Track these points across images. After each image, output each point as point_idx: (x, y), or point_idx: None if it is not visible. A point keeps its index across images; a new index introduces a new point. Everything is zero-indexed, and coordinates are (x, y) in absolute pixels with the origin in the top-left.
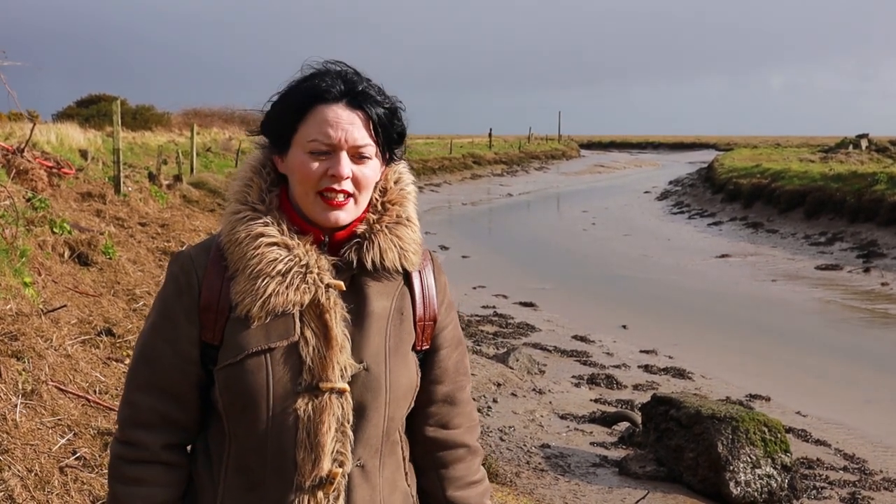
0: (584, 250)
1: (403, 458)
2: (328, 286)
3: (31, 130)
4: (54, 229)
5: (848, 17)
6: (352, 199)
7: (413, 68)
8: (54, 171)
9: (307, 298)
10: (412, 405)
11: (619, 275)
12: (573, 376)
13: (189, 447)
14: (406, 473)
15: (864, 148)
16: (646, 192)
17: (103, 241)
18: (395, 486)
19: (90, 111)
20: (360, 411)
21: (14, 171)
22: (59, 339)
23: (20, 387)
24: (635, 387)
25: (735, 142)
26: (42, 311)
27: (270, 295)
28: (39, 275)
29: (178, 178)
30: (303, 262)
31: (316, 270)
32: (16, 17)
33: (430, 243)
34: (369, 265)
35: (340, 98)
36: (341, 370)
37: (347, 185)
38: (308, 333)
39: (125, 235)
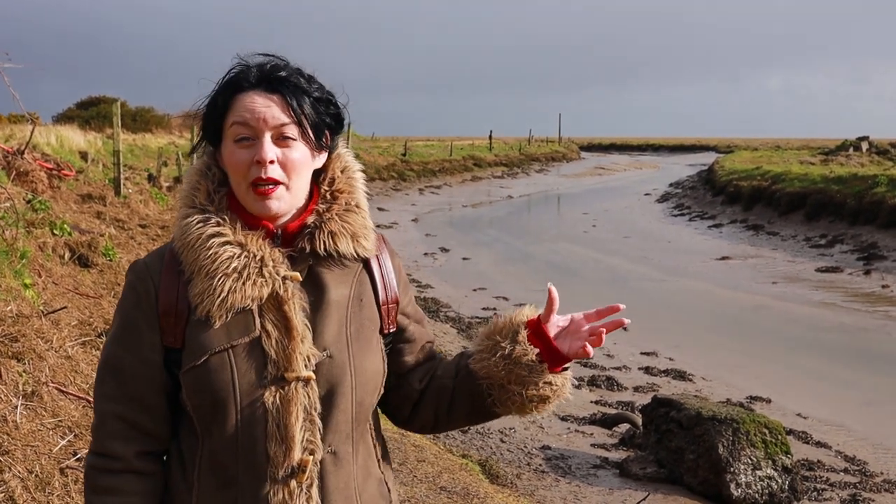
0: (585, 252)
1: (374, 445)
2: (285, 278)
3: (32, 132)
4: (55, 231)
5: (840, 21)
6: (282, 187)
7: (413, 70)
8: (54, 172)
9: (265, 292)
10: (382, 391)
11: (619, 276)
12: (573, 378)
13: (163, 455)
14: (378, 460)
15: (864, 150)
16: (646, 194)
17: (103, 243)
18: (368, 473)
19: (90, 113)
20: (327, 398)
21: (14, 172)
22: (60, 341)
23: (20, 388)
24: (636, 388)
25: (735, 144)
26: (42, 312)
27: (228, 292)
28: (40, 276)
29: (178, 179)
30: (257, 257)
31: (271, 264)
32: (15, 20)
33: (431, 245)
34: (322, 252)
35: (257, 85)
36: (305, 359)
37: (274, 171)
38: (269, 326)
39: (125, 237)
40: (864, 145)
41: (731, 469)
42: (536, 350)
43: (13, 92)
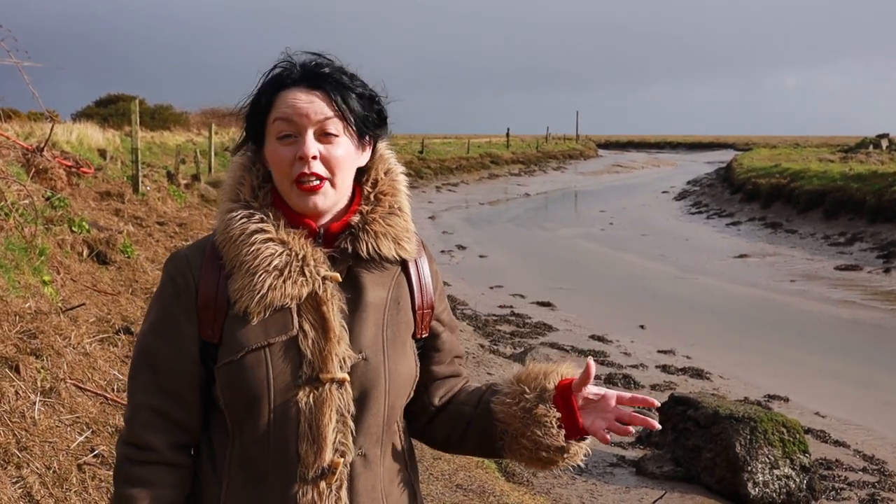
0: (602, 250)
1: (403, 448)
2: (325, 278)
3: (51, 130)
4: (73, 228)
5: (858, 18)
6: (327, 182)
7: (430, 68)
8: (73, 170)
9: (305, 292)
10: (412, 394)
11: (636, 275)
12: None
13: (193, 447)
14: (406, 462)
15: (884, 148)
16: (664, 191)
17: (122, 240)
18: (395, 475)
19: (109, 111)
20: (360, 401)
21: (34, 170)
22: (78, 338)
23: (39, 385)
24: (653, 387)
25: (754, 141)
26: (61, 309)
27: (268, 290)
28: (58, 273)
29: (196, 177)
30: (299, 256)
31: (312, 263)
32: (32, 20)
33: (448, 243)
34: (364, 253)
35: (300, 82)
36: (340, 361)
37: (318, 167)
38: (306, 326)
39: (143, 234)
40: (884, 143)
41: (749, 468)
42: (558, 415)
43: (33, 90)
